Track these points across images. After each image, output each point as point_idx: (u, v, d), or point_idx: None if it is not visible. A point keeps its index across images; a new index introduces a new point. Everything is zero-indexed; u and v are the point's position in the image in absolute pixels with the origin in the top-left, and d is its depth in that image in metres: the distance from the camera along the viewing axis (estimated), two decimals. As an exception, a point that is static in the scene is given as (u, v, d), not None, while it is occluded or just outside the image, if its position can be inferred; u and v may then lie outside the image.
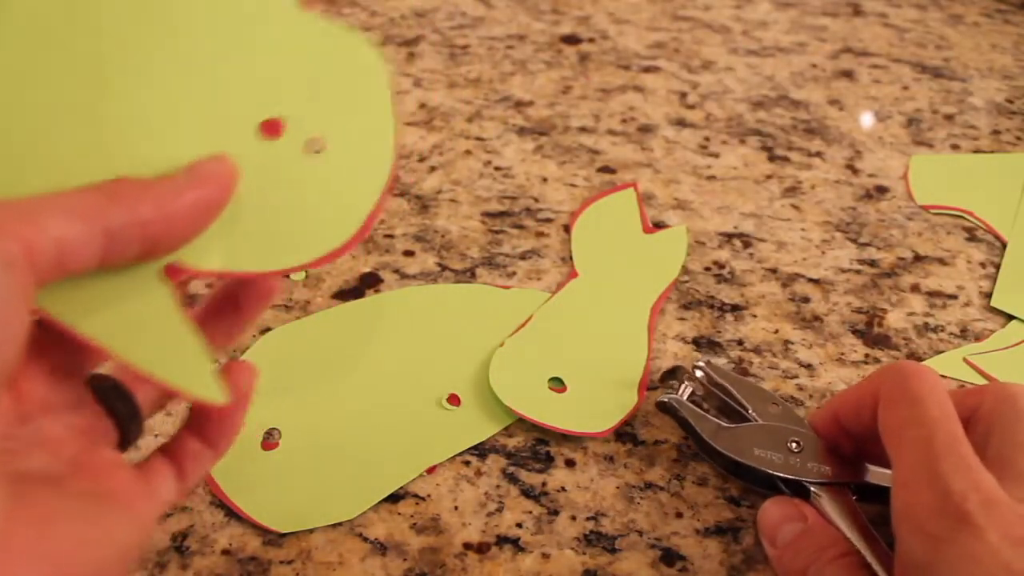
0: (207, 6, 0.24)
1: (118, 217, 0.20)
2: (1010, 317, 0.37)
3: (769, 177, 0.46)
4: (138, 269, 0.22)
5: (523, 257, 0.40)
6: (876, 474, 0.28)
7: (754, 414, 0.30)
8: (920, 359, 0.35)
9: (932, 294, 0.39)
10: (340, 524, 0.29)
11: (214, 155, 0.23)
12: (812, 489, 0.28)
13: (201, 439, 0.24)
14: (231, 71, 0.24)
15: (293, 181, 0.25)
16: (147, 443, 0.30)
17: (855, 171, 0.46)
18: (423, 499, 0.30)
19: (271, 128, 0.25)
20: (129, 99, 0.23)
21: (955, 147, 0.49)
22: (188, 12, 0.24)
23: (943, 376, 0.34)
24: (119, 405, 0.23)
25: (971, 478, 0.22)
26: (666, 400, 0.31)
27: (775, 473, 0.28)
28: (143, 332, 0.23)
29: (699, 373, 0.32)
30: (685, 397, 0.31)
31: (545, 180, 0.45)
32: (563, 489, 0.30)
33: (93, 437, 0.22)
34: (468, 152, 0.47)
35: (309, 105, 0.25)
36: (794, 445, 0.29)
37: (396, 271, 0.39)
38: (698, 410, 0.30)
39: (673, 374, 0.33)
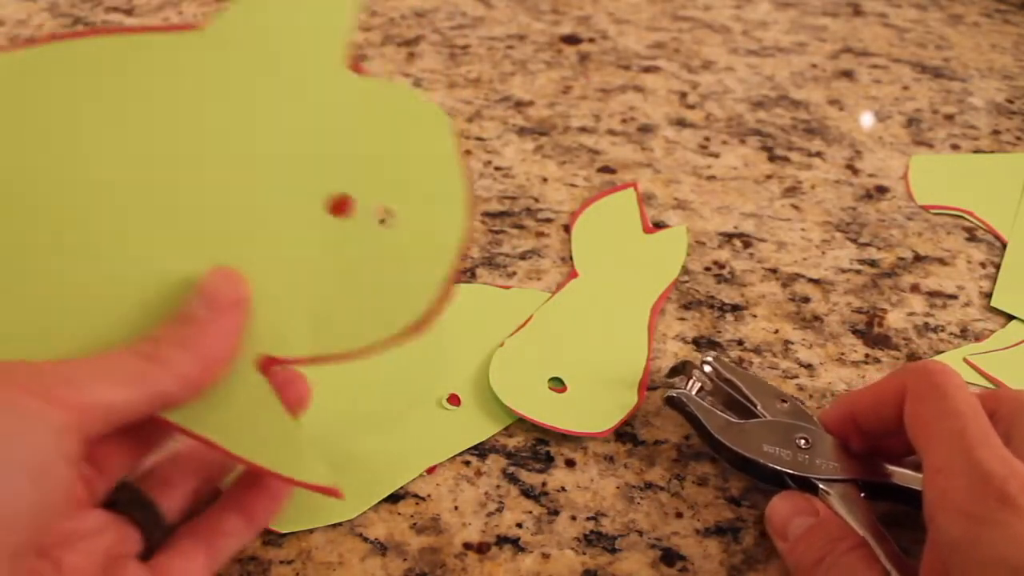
0: (250, 88, 0.24)
1: (159, 381, 0.21)
2: (1010, 317, 0.37)
3: (769, 177, 0.46)
4: (234, 367, 0.23)
5: (523, 257, 0.40)
6: (889, 471, 0.28)
7: (762, 410, 0.30)
8: (920, 359, 0.35)
9: (932, 294, 0.39)
10: (340, 524, 0.29)
11: (222, 272, 0.23)
12: (820, 486, 0.28)
13: (240, 513, 0.25)
14: (290, 149, 0.24)
15: (369, 256, 0.25)
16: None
17: (855, 171, 0.46)
18: (423, 499, 0.30)
19: (340, 206, 0.24)
20: (191, 192, 0.23)
21: (955, 147, 0.49)
22: (232, 99, 0.24)
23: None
24: (139, 513, 0.24)
25: (1009, 465, 0.22)
26: (674, 395, 0.30)
27: (784, 470, 0.28)
28: (247, 426, 0.23)
29: (707, 368, 0.32)
30: (693, 393, 0.31)
31: (545, 180, 0.45)
32: (563, 489, 0.30)
33: (117, 551, 0.23)
34: (468, 152, 0.47)
35: (373, 175, 0.25)
36: (802, 442, 0.29)
37: (396, 271, 0.39)
38: (707, 405, 0.30)
39: (681, 369, 0.33)
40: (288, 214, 0.24)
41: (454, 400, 0.33)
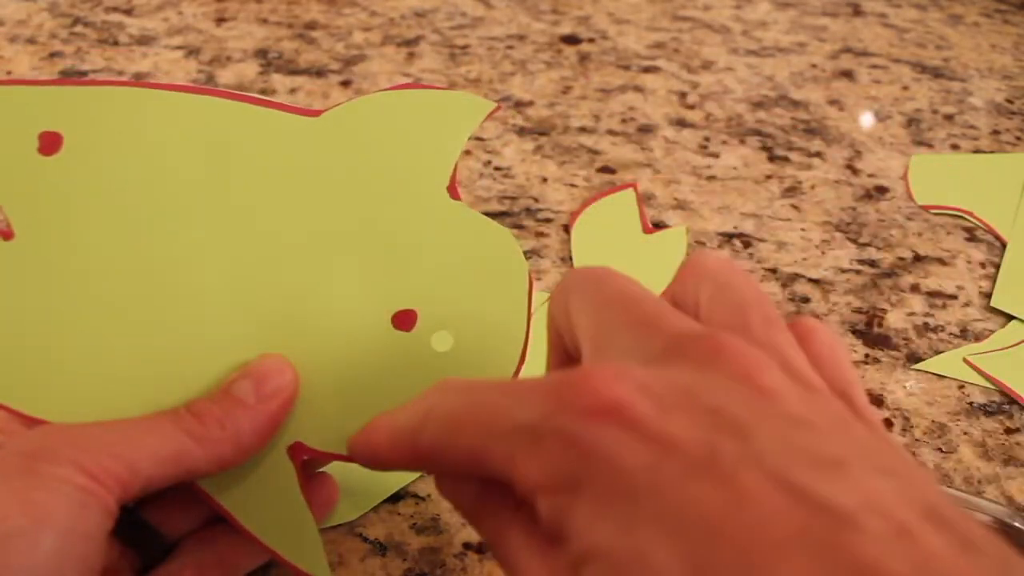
0: (350, 186, 0.24)
1: (197, 461, 0.22)
2: (1010, 317, 0.37)
3: (769, 177, 0.46)
4: (267, 448, 0.24)
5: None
6: None
7: None
8: (920, 359, 0.35)
9: (932, 294, 0.39)
10: (340, 524, 0.29)
11: (275, 360, 0.24)
12: None
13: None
14: (375, 255, 0.25)
15: (417, 374, 0.25)
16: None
17: (855, 171, 0.46)
18: (423, 499, 0.30)
19: (404, 320, 0.25)
20: (266, 270, 0.24)
21: (955, 147, 0.49)
22: (330, 193, 0.24)
23: (942, 376, 0.35)
24: (132, 534, 0.24)
25: None
26: None
27: None
28: (264, 503, 0.24)
29: None
30: None
31: (545, 180, 0.45)
32: (563, 489, 0.30)
33: (110, 570, 0.23)
34: (468, 152, 0.47)
35: (443, 298, 0.25)
36: None
37: (396, 271, 0.39)
38: None
39: None
40: (354, 316, 0.25)
41: (454, 400, 0.33)
